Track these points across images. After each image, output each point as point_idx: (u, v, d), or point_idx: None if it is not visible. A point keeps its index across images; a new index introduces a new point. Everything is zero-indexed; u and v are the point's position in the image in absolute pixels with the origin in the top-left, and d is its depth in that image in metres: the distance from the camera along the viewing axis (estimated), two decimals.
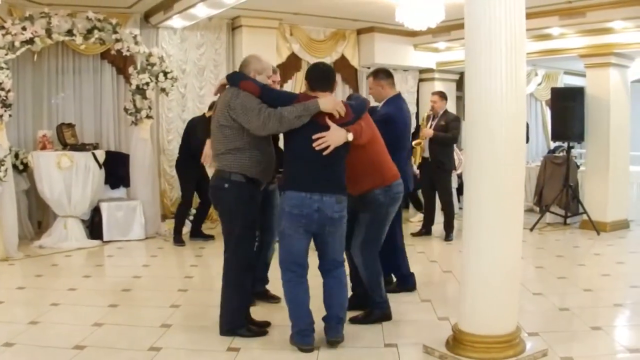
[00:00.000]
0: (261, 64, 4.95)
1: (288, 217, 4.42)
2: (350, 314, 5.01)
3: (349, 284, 5.09)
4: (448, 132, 8.68)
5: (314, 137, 4.32)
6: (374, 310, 5.15)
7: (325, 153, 4.34)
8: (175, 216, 8.89)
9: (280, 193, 4.60)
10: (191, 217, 9.00)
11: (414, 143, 8.62)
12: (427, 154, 8.80)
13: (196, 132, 8.18)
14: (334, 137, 4.36)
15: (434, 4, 7.76)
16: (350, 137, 4.42)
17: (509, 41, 4.00)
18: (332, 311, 4.59)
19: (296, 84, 10.79)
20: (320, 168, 4.39)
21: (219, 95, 4.88)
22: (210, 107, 8.36)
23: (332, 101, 4.43)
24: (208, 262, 7.56)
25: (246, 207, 4.72)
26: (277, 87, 5.70)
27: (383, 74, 5.90)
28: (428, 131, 8.68)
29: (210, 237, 8.68)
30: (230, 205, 4.70)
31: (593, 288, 6.22)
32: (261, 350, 4.56)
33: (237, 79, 4.66)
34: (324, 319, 4.60)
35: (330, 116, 4.41)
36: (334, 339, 4.54)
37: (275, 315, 5.18)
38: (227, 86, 4.72)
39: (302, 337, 4.46)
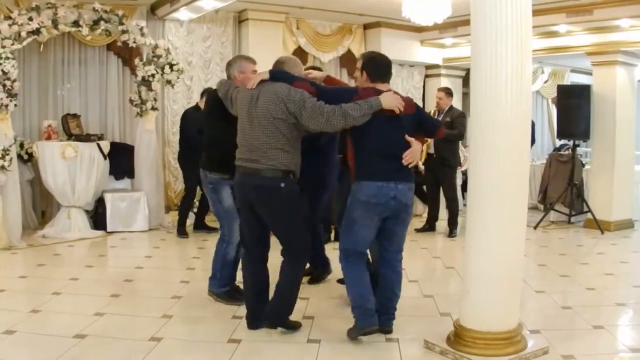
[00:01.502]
0: (301, 69, 4.99)
1: (364, 206, 4.49)
2: None
3: None
4: (454, 128, 8.64)
5: (403, 155, 4.48)
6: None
7: (410, 166, 4.53)
8: (179, 208, 8.90)
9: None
10: (195, 210, 9.00)
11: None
12: (432, 150, 8.75)
13: (192, 123, 8.11)
14: (417, 151, 4.58)
15: (441, 0, 7.73)
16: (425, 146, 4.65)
17: (515, 38, 3.98)
18: (393, 303, 4.76)
19: None
20: (392, 159, 4.50)
21: (230, 84, 4.94)
22: (202, 95, 8.39)
23: (394, 98, 4.48)
24: (210, 254, 7.44)
25: (302, 204, 4.73)
26: None
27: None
28: None
29: (214, 230, 8.64)
30: (289, 205, 4.59)
31: (596, 287, 6.20)
32: (262, 342, 4.57)
33: (290, 78, 4.61)
34: (381, 308, 4.69)
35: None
36: (389, 327, 4.72)
37: None
38: (268, 81, 4.60)
39: (368, 318, 4.51)
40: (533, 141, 10.25)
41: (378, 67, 4.70)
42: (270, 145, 4.48)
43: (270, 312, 4.71)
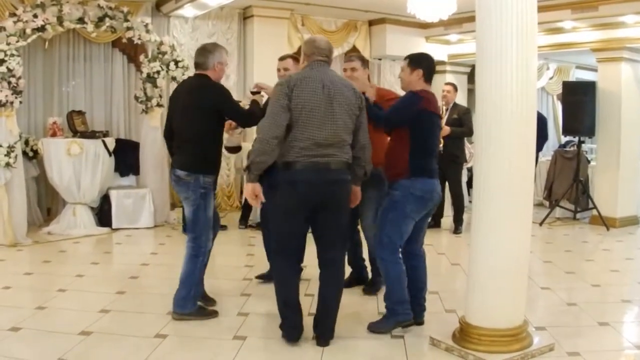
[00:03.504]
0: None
1: (418, 202, 4.58)
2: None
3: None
4: (463, 125, 8.63)
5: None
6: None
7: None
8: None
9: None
10: None
11: None
12: (440, 147, 8.68)
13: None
14: None
15: None
16: None
17: (521, 34, 3.97)
18: (424, 293, 4.88)
19: None
20: (435, 157, 4.74)
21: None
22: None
23: None
24: (216, 251, 7.51)
25: None
26: None
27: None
28: (445, 128, 8.48)
29: (223, 227, 8.59)
30: (349, 199, 4.52)
31: (601, 283, 6.19)
32: (266, 339, 4.58)
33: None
34: (417, 300, 4.76)
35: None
36: (422, 319, 4.82)
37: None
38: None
39: (408, 312, 4.60)
40: (545, 138, 10.23)
41: (432, 67, 4.75)
42: (346, 141, 4.34)
43: (326, 327, 4.45)
